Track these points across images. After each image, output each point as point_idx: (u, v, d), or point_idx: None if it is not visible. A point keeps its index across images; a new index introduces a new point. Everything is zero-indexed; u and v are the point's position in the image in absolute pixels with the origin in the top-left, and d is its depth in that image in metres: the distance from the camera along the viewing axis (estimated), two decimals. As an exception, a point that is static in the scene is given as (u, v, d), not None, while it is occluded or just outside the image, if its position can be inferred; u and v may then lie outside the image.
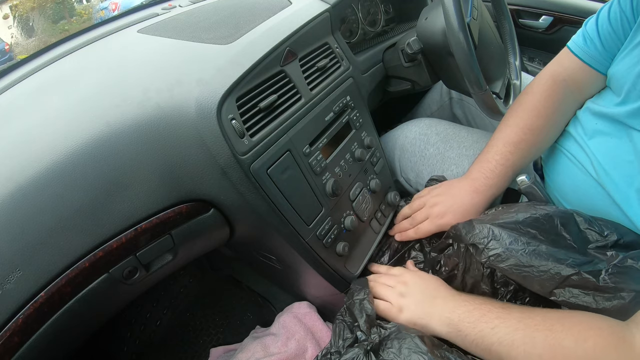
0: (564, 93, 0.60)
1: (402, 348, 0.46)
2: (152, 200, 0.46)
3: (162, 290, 0.97)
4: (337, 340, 0.49)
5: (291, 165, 0.53)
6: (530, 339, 0.41)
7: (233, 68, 0.49)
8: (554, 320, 0.42)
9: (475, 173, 0.61)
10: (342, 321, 0.51)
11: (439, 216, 0.60)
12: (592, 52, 0.58)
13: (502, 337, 0.43)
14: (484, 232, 0.48)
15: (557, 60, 0.64)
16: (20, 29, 1.02)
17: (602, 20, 0.56)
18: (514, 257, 0.45)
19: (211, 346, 0.83)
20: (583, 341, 0.39)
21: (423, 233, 0.62)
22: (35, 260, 0.39)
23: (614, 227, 0.47)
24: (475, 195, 0.60)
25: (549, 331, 0.41)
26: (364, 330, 0.49)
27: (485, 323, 0.45)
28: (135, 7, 0.88)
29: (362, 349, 0.46)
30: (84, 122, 0.45)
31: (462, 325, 0.47)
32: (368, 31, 0.88)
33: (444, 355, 0.45)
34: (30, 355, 0.40)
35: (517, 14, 1.29)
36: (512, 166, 0.59)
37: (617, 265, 0.42)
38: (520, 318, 0.44)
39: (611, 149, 0.51)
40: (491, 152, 0.61)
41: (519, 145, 0.59)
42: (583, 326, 0.40)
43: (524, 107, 0.62)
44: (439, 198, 0.63)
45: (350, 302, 0.54)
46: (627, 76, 0.50)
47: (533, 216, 0.48)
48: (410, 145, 0.77)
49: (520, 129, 0.60)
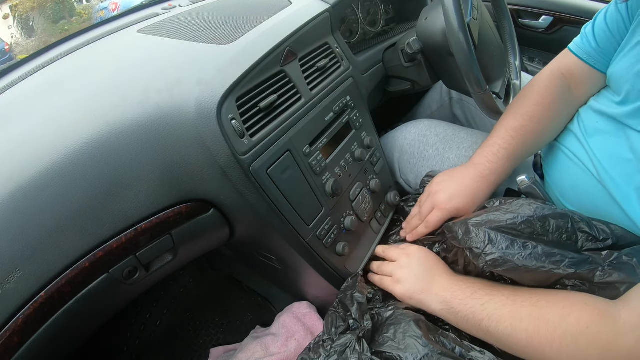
0: (562, 85, 0.61)
1: (397, 332, 0.46)
2: (152, 200, 0.46)
3: (162, 290, 0.97)
4: (330, 328, 0.50)
5: (291, 165, 0.53)
6: (516, 314, 0.43)
7: (233, 68, 0.49)
8: (540, 296, 0.44)
9: (478, 158, 0.61)
10: (335, 312, 0.52)
11: (445, 201, 0.58)
12: (587, 49, 0.59)
13: (491, 312, 0.45)
14: (480, 237, 0.48)
15: (557, 59, 0.65)
16: (20, 29, 1.02)
17: (599, 20, 0.58)
18: (511, 262, 0.45)
19: (211, 346, 0.83)
20: (567, 315, 0.40)
21: (433, 224, 0.59)
22: (35, 260, 0.39)
23: (610, 228, 0.47)
24: (480, 179, 0.59)
25: (534, 307, 0.43)
26: (356, 318, 0.49)
27: (475, 300, 0.47)
28: (135, 7, 0.88)
29: (355, 335, 0.46)
30: (84, 122, 0.45)
31: (454, 302, 0.49)
32: (368, 31, 0.88)
33: (438, 339, 0.45)
34: (30, 355, 0.40)
35: (517, 14, 1.29)
36: (514, 151, 0.59)
37: (613, 262, 0.42)
38: (508, 295, 0.46)
39: (610, 147, 0.51)
40: (493, 137, 0.61)
41: (520, 130, 0.59)
42: (568, 302, 0.42)
43: (523, 97, 0.63)
44: (441, 185, 0.61)
45: (342, 295, 0.55)
46: (625, 76, 0.51)
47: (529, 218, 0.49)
48: (410, 147, 0.77)
49: (521, 115, 0.61)
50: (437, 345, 0.45)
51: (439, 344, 0.45)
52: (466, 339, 0.49)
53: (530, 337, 0.41)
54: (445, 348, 0.45)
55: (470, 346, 0.47)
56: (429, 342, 0.44)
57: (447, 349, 0.45)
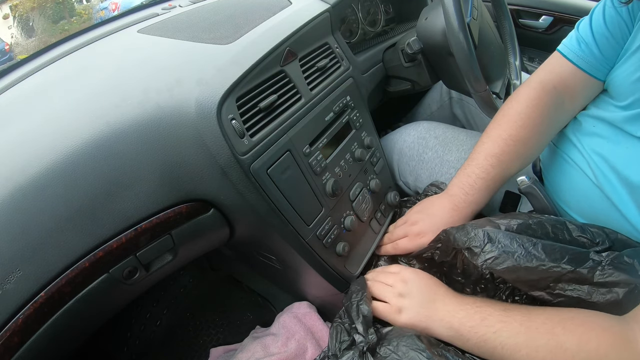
0: (553, 102, 0.57)
1: (399, 345, 0.46)
2: (152, 200, 0.46)
3: (162, 290, 0.97)
4: (335, 343, 0.49)
5: (291, 165, 0.53)
6: (532, 342, 0.41)
7: (233, 68, 0.49)
8: (555, 322, 0.42)
9: (454, 189, 0.59)
10: (340, 324, 0.51)
11: (418, 235, 0.59)
12: (587, 58, 0.55)
13: (505, 340, 0.43)
14: (479, 236, 0.48)
15: (547, 66, 0.60)
16: (20, 29, 1.02)
17: (596, 23, 0.54)
18: (511, 260, 0.45)
19: (211, 346, 0.82)
20: (585, 343, 0.39)
21: (402, 250, 0.61)
22: (35, 260, 0.39)
23: (606, 233, 0.47)
24: (455, 213, 0.58)
25: (550, 334, 0.41)
26: (361, 332, 0.49)
27: (486, 327, 0.45)
28: (135, 7, 0.88)
29: (358, 351, 0.46)
30: (84, 122, 0.45)
31: (463, 329, 0.46)
32: (368, 31, 0.88)
33: (441, 353, 0.45)
34: (30, 355, 0.40)
35: (517, 14, 1.29)
36: (493, 180, 0.57)
37: (614, 262, 0.42)
38: (521, 321, 0.43)
39: (609, 152, 0.51)
40: (471, 165, 0.58)
41: (501, 157, 0.56)
42: (585, 327, 0.40)
43: (507, 118, 0.58)
44: (418, 216, 0.61)
45: (347, 303, 0.54)
46: (626, 82, 0.50)
47: (526, 222, 0.49)
48: (409, 150, 0.77)
49: (503, 140, 0.56)
50: (441, 358, 0.44)
51: (442, 357, 0.44)
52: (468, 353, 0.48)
53: None
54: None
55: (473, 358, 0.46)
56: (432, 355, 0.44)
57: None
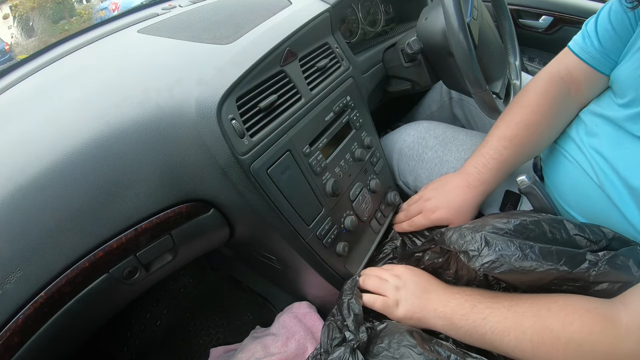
0: (561, 91, 0.60)
1: (391, 342, 0.46)
2: (152, 200, 0.46)
3: (162, 290, 0.97)
4: (327, 340, 0.50)
5: (291, 165, 0.53)
6: (519, 326, 0.43)
7: (233, 68, 0.49)
8: (540, 305, 0.44)
9: (469, 167, 0.62)
10: (333, 321, 0.52)
11: (431, 210, 0.62)
12: (590, 50, 0.57)
13: (494, 325, 0.45)
14: (476, 239, 0.48)
15: (556, 59, 0.64)
16: (20, 29, 1.02)
17: (601, 18, 0.56)
18: (508, 263, 0.45)
19: (211, 346, 0.83)
20: (569, 324, 0.41)
21: (417, 226, 0.64)
22: (35, 260, 0.39)
23: (603, 232, 0.47)
24: (468, 191, 0.61)
25: (536, 317, 0.43)
26: (352, 329, 0.49)
27: (476, 314, 0.47)
28: (135, 7, 0.88)
29: (348, 348, 0.46)
30: (84, 122, 0.45)
31: (455, 317, 0.48)
32: (368, 31, 0.88)
33: (433, 348, 0.46)
34: (30, 355, 0.40)
35: (517, 14, 1.28)
36: (506, 162, 0.60)
37: (610, 261, 0.43)
38: (509, 306, 0.46)
39: (610, 152, 0.51)
40: (486, 146, 0.62)
41: (513, 140, 0.59)
42: (569, 309, 0.42)
43: (519, 104, 0.62)
44: (433, 192, 0.65)
45: (339, 301, 0.55)
46: (629, 79, 0.50)
47: (523, 222, 0.49)
48: (409, 150, 0.77)
49: (515, 124, 0.60)
50: (432, 353, 0.45)
51: (434, 353, 0.45)
52: (461, 346, 0.49)
53: (536, 348, 0.42)
54: (440, 356, 0.45)
55: (465, 352, 0.47)
56: (423, 350, 0.44)
57: (442, 356, 0.45)
